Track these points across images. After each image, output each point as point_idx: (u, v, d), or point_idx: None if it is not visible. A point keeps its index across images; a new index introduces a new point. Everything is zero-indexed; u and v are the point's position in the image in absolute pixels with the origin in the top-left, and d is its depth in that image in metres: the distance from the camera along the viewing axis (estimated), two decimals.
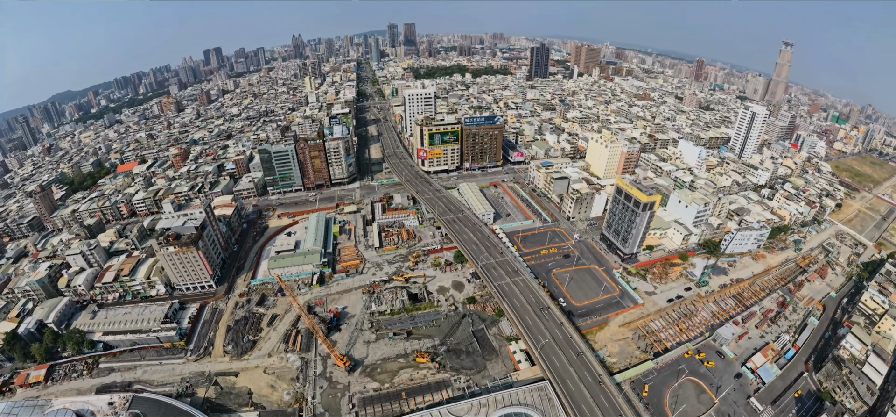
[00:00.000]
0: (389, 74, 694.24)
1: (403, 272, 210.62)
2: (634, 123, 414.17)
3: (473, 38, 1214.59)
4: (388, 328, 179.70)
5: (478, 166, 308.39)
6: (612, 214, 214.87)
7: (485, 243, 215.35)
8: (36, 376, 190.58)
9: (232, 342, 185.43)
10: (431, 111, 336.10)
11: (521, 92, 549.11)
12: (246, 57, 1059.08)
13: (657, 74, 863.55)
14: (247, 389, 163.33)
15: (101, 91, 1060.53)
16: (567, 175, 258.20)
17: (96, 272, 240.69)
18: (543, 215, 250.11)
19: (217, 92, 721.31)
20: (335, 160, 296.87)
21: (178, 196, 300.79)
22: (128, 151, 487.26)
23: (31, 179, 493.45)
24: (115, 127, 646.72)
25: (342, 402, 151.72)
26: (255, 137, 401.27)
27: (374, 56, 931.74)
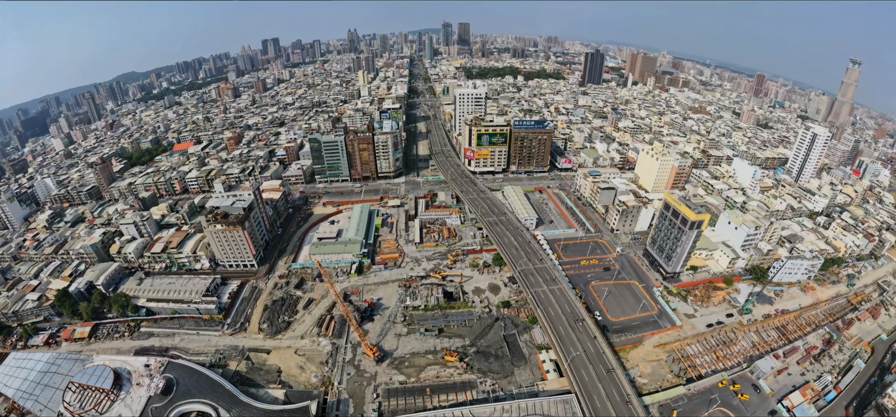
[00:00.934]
0: (441, 72, 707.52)
1: (441, 270, 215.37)
2: (688, 136, 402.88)
3: (527, 41, 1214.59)
4: (420, 324, 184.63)
5: (524, 170, 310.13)
6: (657, 230, 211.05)
7: (525, 248, 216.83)
8: (81, 332, 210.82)
9: (267, 321, 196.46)
10: (481, 112, 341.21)
11: (573, 98, 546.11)
12: (302, 49, 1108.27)
13: (715, 86, 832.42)
14: (277, 367, 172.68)
15: (164, 74, 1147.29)
16: (614, 186, 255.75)
17: (146, 242, 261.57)
18: (587, 225, 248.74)
19: (273, 81, 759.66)
20: (383, 154, 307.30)
21: (229, 177, 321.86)
22: (185, 131, 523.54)
23: (94, 151, 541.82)
24: (175, 108, 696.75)
25: (367, 391, 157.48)
26: (307, 127, 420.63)
27: (428, 54, 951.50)
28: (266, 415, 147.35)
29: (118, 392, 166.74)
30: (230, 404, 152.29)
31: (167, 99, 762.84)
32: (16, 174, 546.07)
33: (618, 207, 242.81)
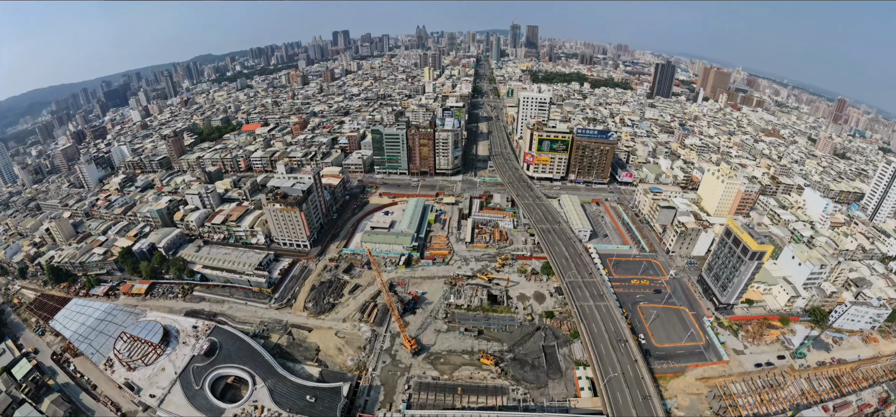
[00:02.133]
0: (507, 73, 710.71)
1: (488, 272, 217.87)
2: (757, 160, 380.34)
3: (596, 47, 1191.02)
4: (461, 323, 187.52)
5: (583, 180, 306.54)
6: (715, 256, 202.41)
7: (575, 260, 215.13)
8: (138, 288, 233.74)
9: (313, 301, 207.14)
10: (544, 117, 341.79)
11: (640, 110, 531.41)
12: (371, 42, 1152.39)
13: (791, 109, 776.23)
14: (316, 346, 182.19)
15: (238, 58, 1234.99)
16: (675, 205, 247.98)
17: (208, 212, 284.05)
18: (642, 243, 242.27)
19: (341, 71, 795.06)
20: (442, 151, 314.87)
21: (291, 160, 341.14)
22: (254, 113, 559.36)
23: (167, 124, 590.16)
24: (246, 91, 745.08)
25: (400, 381, 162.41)
26: (370, 118, 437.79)
27: (494, 54, 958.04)
28: (299, 389, 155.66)
29: (165, 347, 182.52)
30: (267, 373, 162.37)
31: (239, 81, 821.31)
32: (95, 140, 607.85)
33: (676, 227, 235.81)
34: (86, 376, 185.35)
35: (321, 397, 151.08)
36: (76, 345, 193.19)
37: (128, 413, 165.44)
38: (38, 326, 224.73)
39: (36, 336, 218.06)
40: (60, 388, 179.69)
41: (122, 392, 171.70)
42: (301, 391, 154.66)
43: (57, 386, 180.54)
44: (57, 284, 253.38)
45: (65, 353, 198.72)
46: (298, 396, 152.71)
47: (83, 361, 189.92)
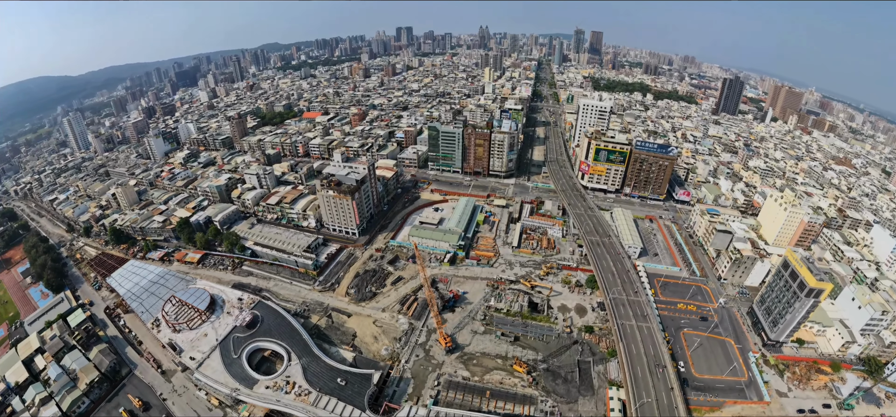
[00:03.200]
0: (568, 79, 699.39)
1: (531, 279, 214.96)
2: (825, 190, 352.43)
3: (662, 58, 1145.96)
4: (498, 326, 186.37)
5: (638, 195, 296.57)
6: (769, 289, 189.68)
7: (622, 276, 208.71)
8: (191, 257, 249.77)
9: (355, 288, 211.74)
10: (603, 126, 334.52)
11: (704, 126, 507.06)
12: (433, 39, 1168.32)
13: (866, 136, 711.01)
14: (353, 331, 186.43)
15: (303, 48, 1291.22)
16: (732, 230, 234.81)
17: (264, 193, 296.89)
18: (693, 267, 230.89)
19: (402, 67, 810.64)
20: (497, 152, 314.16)
21: (348, 150, 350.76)
22: (315, 102, 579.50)
23: (232, 107, 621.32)
24: (309, 80, 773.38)
25: (430, 377, 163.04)
26: (428, 115, 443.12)
27: (556, 59, 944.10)
28: (331, 371, 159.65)
29: (210, 314, 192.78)
30: (302, 351, 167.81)
31: (303, 71, 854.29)
32: (164, 116, 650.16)
33: (731, 253, 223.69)
34: (133, 332, 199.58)
35: (351, 381, 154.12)
36: (128, 303, 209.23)
37: (167, 371, 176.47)
38: (95, 281, 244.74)
39: (93, 290, 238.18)
40: (109, 340, 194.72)
41: (164, 351, 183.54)
42: (333, 373, 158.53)
43: (106, 338, 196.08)
44: (117, 245, 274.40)
45: (117, 309, 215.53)
46: (330, 377, 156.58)
47: (133, 318, 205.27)
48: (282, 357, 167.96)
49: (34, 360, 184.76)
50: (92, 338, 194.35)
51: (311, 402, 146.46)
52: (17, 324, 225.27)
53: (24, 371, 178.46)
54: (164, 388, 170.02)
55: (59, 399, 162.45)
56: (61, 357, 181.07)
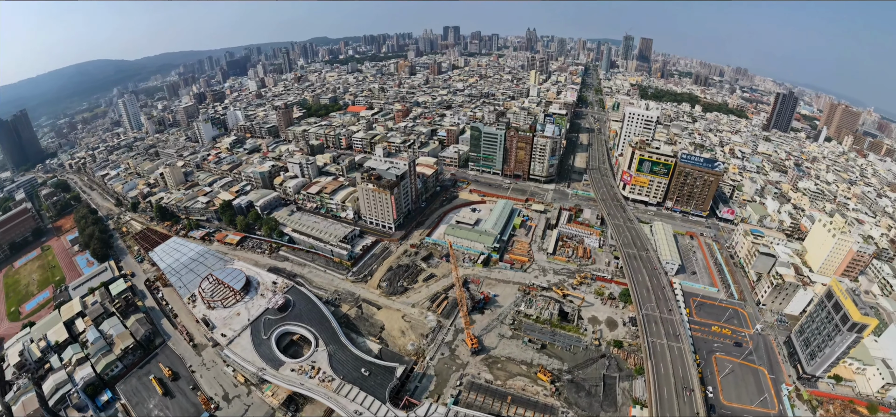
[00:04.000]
0: (615, 86, 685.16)
1: (564, 287, 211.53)
2: (878, 218, 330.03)
3: (712, 68, 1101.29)
4: (526, 332, 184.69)
5: (680, 209, 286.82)
6: (810, 319, 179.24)
7: (657, 292, 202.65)
8: (231, 239, 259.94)
9: (387, 281, 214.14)
10: (649, 136, 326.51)
11: (753, 142, 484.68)
12: (480, 40, 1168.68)
13: None
14: (381, 324, 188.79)
15: (351, 43, 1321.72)
16: (775, 254, 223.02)
17: (305, 182, 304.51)
18: (731, 289, 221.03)
19: (448, 66, 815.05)
20: (539, 157, 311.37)
21: (390, 145, 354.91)
22: (360, 96, 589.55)
23: (280, 97, 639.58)
24: (355, 75, 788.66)
25: (453, 376, 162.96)
26: (471, 115, 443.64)
27: (604, 65, 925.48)
28: (356, 360, 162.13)
29: (244, 295, 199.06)
30: (329, 338, 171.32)
31: (350, 65, 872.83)
32: (214, 102, 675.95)
33: (773, 278, 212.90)
34: (170, 305, 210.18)
35: (375, 373, 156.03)
36: (168, 277, 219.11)
37: (198, 345, 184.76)
38: (138, 254, 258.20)
39: (135, 262, 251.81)
40: (146, 310, 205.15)
41: (198, 326, 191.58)
42: (357, 362, 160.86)
43: (144, 308, 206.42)
44: (161, 221, 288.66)
45: (156, 282, 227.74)
46: (354, 367, 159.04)
47: (170, 292, 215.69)
48: (309, 342, 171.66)
49: (75, 322, 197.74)
50: (130, 307, 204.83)
51: (334, 389, 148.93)
52: (63, 288, 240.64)
53: (64, 331, 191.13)
54: (194, 361, 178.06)
55: (95, 361, 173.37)
56: (100, 323, 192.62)
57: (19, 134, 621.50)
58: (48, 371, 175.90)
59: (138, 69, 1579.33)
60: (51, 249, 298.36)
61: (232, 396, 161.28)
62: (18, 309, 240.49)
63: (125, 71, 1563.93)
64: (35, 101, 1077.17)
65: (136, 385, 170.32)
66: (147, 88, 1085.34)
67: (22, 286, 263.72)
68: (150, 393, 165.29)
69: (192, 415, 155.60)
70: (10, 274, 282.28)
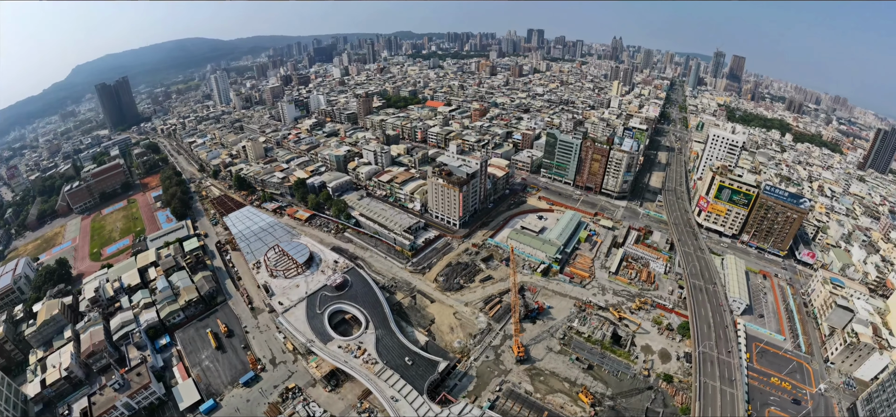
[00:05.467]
0: (701, 105, 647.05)
1: (621, 309, 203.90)
2: None
3: (808, 95, 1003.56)
4: (575, 349, 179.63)
5: (756, 245, 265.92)
6: (881, 388, 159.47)
7: (718, 331, 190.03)
8: (301, 215, 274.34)
9: (444, 276, 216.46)
10: (732, 162, 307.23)
11: (845, 180, 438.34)
12: (564, 45, 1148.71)
13: None
14: (432, 317, 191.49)
15: (434, 39, 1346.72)
16: (854, 308, 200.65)
17: (377, 169, 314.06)
18: (799, 340, 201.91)
19: (529, 69, 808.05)
20: (614, 171, 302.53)
21: (464, 143, 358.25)
22: (440, 92, 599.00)
23: (361, 86, 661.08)
24: (436, 70, 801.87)
25: (493, 380, 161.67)
26: (548, 120, 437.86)
27: (691, 81, 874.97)
28: (401, 348, 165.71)
29: (306, 269, 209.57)
30: (380, 323, 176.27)
31: (432, 61, 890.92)
32: (299, 85, 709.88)
33: (847, 335, 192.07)
34: (235, 268, 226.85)
35: (418, 364, 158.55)
36: (237, 242, 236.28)
37: (256, 309, 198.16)
38: (213, 218, 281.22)
39: (210, 225, 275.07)
40: (213, 269, 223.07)
41: (258, 291, 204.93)
42: (403, 351, 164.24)
43: (211, 267, 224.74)
44: (238, 190, 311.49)
45: (226, 245, 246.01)
46: (399, 354, 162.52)
47: (238, 256, 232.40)
48: (360, 323, 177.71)
49: (148, 271, 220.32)
50: (199, 264, 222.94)
51: (375, 372, 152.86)
52: (141, 238, 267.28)
53: (137, 277, 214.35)
54: (249, 323, 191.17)
55: (160, 308, 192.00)
56: (170, 274, 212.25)
57: (120, 98, 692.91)
58: (117, 309, 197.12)
59: (231, 49, 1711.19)
60: (136, 202, 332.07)
61: (278, 361, 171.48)
62: (100, 251, 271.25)
63: (219, 50, 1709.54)
64: (136, 70, 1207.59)
65: (192, 335, 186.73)
66: (238, 66, 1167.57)
67: (106, 231, 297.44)
68: (205, 345, 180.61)
69: (239, 372, 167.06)
70: (97, 220, 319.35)
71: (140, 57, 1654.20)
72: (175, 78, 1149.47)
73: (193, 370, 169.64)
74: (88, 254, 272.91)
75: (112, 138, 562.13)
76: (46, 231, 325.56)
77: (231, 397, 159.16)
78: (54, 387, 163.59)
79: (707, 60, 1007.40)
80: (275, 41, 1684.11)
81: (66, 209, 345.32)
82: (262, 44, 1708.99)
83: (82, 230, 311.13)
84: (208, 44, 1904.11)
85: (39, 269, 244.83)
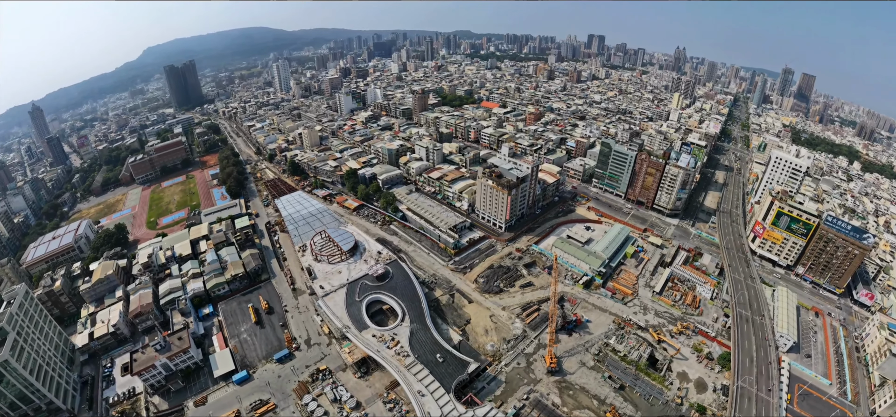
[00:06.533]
0: (765, 124, 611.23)
1: (661, 332, 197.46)
2: None
3: (882, 121, 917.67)
4: (609, 367, 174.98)
5: (811, 279, 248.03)
6: None
7: (761, 366, 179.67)
8: (350, 204, 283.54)
9: (485, 278, 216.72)
10: (793, 187, 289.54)
11: None
12: (625, 53, 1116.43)
13: None
14: (468, 317, 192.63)
15: (493, 40, 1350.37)
16: None
17: (428, 166, 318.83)
18: (847, 387, 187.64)
19: (588, 75, 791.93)
20: (668, 187, 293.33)
21: (517, 146, 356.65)
22: (495, 93, 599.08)
23: (418, 82, 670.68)
24: (494, 71, 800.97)
25: (521, 388, 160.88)
26: (604, 129, 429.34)
27: (756, 98, 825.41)
28: (434, 344, 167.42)
29: (349, 256, 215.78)
30: (415, 317, 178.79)
31: (490, 61, 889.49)
32: (357, 78, 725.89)
33: None
34: (282, 248, 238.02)
35: (448, 362, 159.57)
36: (286, 224, 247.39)
37: (297, 290, 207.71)
38: (266, 199, 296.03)
39: (261, 205, 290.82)
40: (260, 248, 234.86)
41: (301, 273, 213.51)
42: (435, 347, 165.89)
43: (259, 245, 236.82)
44: (292, 175, 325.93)
45: (275, 226, 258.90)
46: (431, 350, 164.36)
47: (285, 237, 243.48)
48: (396, 315, 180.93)
49: (199, 243, 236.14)
50: (248, 242, 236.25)
51: (405, 365, 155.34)
52: (196, 212, 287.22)
53: (188, 248, 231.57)
54: (289, 302, 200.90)
55: (207, 279, 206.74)
56: (220, 248, 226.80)
57: (186, 79, 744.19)
58: (167, 276, 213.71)
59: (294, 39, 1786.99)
60: (194, 178, 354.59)
61: (313, 342, 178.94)
62: (156, 221, 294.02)
63: (282, 39, 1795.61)
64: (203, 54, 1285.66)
65: (234, 308, 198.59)
66: (299, 56, 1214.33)
67: (164, 203, 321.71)
68: (245, 318, 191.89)
69: (274, 348, 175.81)
70: (156, 191, 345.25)
71: (207, 43, 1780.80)
72: (239, 64, 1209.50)
73: (231, 341, 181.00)
74: (145, 222, 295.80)
75: (176, 117, 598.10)
76: (109, 198, 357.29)
77: (263, 371, 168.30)
78: (101, 340, 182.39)
79: (774, 76, 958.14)
80: (336, 34, 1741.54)
81: (128, 179, 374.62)
82: (323, 36, 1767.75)
83: (142, 200, 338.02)
84: (272, 33, 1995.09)
85: (99, 232, 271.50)
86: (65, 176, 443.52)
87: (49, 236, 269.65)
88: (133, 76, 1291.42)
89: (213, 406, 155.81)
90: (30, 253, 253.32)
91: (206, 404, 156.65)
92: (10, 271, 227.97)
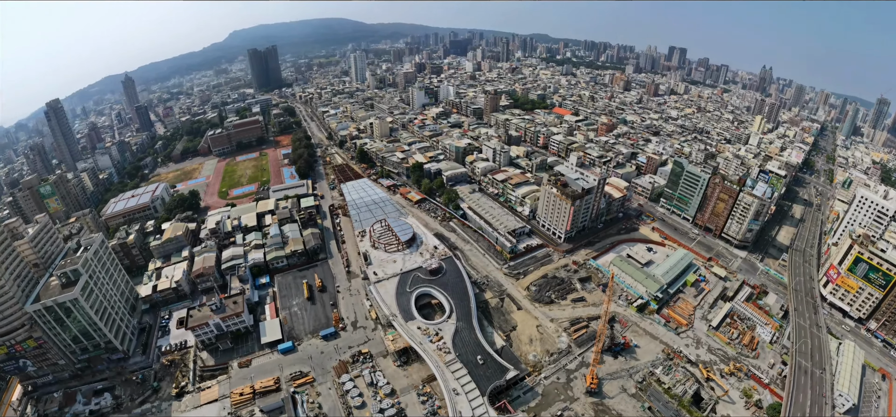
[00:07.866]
0: (853, 158, 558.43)
1: (711, 369, 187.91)
2: None
3: None
4: (650, 398, 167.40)
5: (884, 337, 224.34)
6: None
7: None
8: (412, 196, 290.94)
9: (537, 287, 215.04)
10: (877, 232, 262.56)
11: None
12: (706, 68, 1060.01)
13: None
14: (514, 324, 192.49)
15: (570, 45, 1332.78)
16: None
17: (494, 167, 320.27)
18: None
19: (666, 89, 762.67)
20: (739, 216, 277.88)
21: (585, 156, 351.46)
22: (568, 99, 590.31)
23: (491, 83, 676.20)
24: (568, 77, 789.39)
25: (557, 404, 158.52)
26: (678, 148, 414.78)
27: (845, 128, 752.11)
28: (476, 346, 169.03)
29: (406, 248, 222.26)
30: (462, 315, 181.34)
31: (565, 67, 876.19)
32: (431, 74, 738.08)
33: None
34: (342, 231, 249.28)
35: (488, 365, 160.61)
36: (349, 208, 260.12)
37: (352, 273, 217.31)
38: (332, 183, 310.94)
39: (328, 188, 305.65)
40: (321, 228, 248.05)
41: (357, 257, 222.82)
42: (477, 349, 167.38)
43: (321, 226, 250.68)
44: (359, 163, 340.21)
45: (338, 209, 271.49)
46: (473, 350, 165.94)
47: (346, 221, 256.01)
48: (443, 311, 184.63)
49: (265, 217, 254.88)
50: (311, 221, 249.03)
51: (445, 361, 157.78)
52: (265, 188, 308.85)
53: (254, 220, 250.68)
54: (342, 284, 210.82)
55: (267, 251, 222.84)
56: (283, 224, 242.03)
57: (267, 63, 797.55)
58: (231, 243, 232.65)
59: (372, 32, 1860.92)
60: (266, 155, 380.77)
61: (359, 325, 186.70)
62: (227, 191, 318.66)
63: (361, 31, 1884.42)
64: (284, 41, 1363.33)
65: (289, 282, 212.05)
66: (376, 49, 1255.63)
67: (236, 176, 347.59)
68: (298, 293, 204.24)
69: (322, 325, 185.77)
70: (231, 164, 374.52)
71: (290, 30, 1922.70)
72: (318, 52, 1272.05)
73: (282, 312, 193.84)
74: (217, 192, 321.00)
75: (255, 97, 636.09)
76: (186, 165, 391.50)
77: (308, 344, 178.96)
78: (162, 294, 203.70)
79: (868, 105, 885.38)
80: (414, 29, 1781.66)
81: (206, 150, 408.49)
82: (401, 31, 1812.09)
83: (216, 171, 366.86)
84: (351, 24, 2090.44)
85: (174, 195, 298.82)
86: (148, 142, 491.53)
87: (129, 194, 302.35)
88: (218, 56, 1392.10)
89: (256, 370, 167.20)
90: (110, 207, 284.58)
91: (249, 366, 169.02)
92: (90, 221, 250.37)
